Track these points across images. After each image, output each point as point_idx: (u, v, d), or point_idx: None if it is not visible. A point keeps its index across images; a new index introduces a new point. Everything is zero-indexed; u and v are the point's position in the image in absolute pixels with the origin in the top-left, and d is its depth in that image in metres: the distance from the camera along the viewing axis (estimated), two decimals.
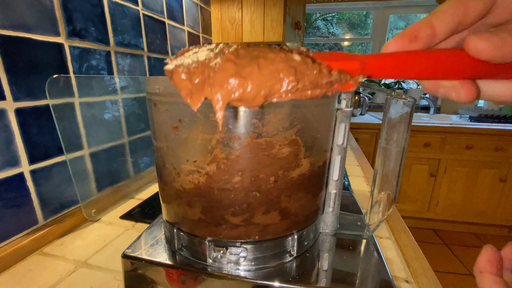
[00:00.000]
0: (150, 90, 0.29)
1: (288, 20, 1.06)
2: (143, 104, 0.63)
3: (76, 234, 0.46)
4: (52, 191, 0.45)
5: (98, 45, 0.52)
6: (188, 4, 0.84)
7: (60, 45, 0.44)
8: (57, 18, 0.44)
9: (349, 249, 0.34)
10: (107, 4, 0.53)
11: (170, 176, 0.30)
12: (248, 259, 0.30)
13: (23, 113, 0.40)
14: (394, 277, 0.35)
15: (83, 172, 0.49)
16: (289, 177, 0.28)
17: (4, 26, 0.37)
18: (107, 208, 0.54)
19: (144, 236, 0.36)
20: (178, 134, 0.28)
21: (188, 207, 0.30)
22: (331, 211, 0.36)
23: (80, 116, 0.48)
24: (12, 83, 0.38)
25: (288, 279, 0.29)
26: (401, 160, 0.31)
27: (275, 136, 0.26)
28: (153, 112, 0.30)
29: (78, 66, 0.48)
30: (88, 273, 0.37)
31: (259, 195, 0.28)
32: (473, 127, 1.61)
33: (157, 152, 0.31)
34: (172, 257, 0.32)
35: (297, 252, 0.32)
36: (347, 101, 0.32)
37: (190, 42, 0.87)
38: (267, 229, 0.30)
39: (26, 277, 0.36)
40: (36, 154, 0.42)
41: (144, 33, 0.65)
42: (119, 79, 0.57)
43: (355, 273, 0.30)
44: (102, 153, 0.53)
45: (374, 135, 1.79)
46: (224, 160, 0.27)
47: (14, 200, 0.39)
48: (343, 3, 2.22)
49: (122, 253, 0.32)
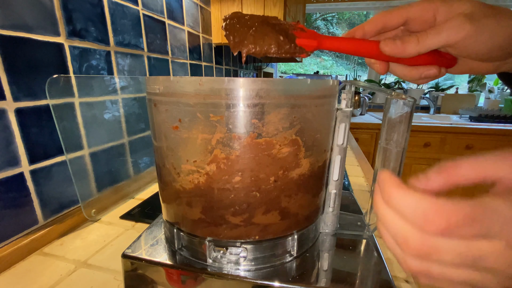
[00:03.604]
0: (150, 90, 0.29)
1: (288, 20, 1.06)
2: (143, 104, 0.63)
3: (76, 234, 0.46)
4: (52, 191, 0.45)
5: (98, 45, 0.52)
6: (188, 4, 0.84)
7: (60, 45, 0.44)
8: (57, 18, 0.44)
9: (349, 249, 0.34)
10: (107, 4, 0.53)
11: (170, 176, 0.30)
12: (248, 259, 0.30)
13: (23, 113, 0.40)
14: (394, 277, 0.35)
15: (83, 172, 0.49)
16: (289, 177, 0.28)
17: (4, 26, 0.37)
18: (107, 208, 0.54)
19: (144, 236, 0.36)
20: (178, 134, 0.28)
21: (188, 207, 0.30)
22: (331, 211, 0.36)
23: (80, 116, 0.48)
24: (12, 83, 0.38)
25: (288, 279, 0.29)
26: (401, 160, 0.31)
27: (275, 136, 0.26)
28: (153, 112, 0.30)
29: (78, 66, 0.48)
30: (88, 273, 0.37)
31: (259, 195, 0.28)
32: (473, 127, 1.61)
33: (157, 152, 0.31)
34: (172, 257, 0.32)
35: (297, 252, 0.32)
36: (347, 101, 0.32)
37: (190, 42, 0.87)
38: (267, 229, 0.30)
39: (26, 277, 0.36)
40: (36, 154, 0.42)
41: (144, 33, 0.65)
42: (119, 79, 0.57)
43: (355, 273, 0.30)
44: (102, 153, 0.53)
45: (374, 135, 1.79)
46: (224, 160, 0.27)
47: (14, 200, 0.39)
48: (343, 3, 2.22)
49: (122, 253, 0.32)
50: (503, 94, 2.17)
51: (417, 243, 0.15)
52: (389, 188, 0.15)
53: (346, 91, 0.33)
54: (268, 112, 0.26)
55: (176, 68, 0.80)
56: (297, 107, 0.27)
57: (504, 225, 0.14)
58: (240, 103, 0.25)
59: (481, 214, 0.14)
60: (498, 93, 2.21)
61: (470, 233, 0.14)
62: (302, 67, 3.03)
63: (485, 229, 0.14)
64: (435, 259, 0.15)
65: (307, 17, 2.49)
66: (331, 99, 0.30)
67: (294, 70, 2.99)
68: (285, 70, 2.88)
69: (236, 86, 0.25)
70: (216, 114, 0.25)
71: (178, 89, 0.26)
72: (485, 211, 0.14)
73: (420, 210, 0.14)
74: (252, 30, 0.27)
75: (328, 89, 0.29)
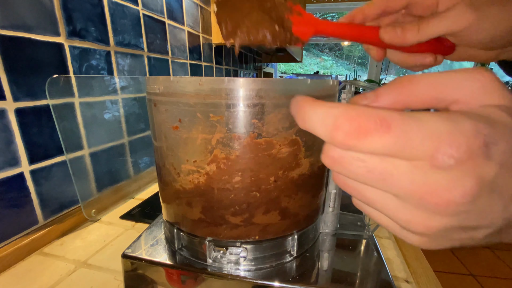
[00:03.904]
0: (150, 90, 0.29)
1: None
2: (143, 104, 0.63)
3: (76, 234, 0.46)
4: (52, 191, 0.45)
5: (98, 45, 0.52)
6: (188, 4, 0.84)
7: (60, 45, 0.44)
8: (57, 18, 0.44)
9: (349, 249, 0.34)
10: (107, 4, 0.53)
11: (170, 176, 0.30)
12: (248, 259, 0.30)
13: (23, 113, 0.40)
14: (394, 277, 0.35)
15: (83, 172, 0.49)
16: (289, 177, 0.28)
17: (4, 26, 0.37)
18: (107, 208, 0.54)
19: (144, 236, 0.36)
20: (178, 134, 0.28)
21: (188, 207, 0.30)
22: (331, 211, 0.36)
23: (80, 116, 0.48)
24: (12, 83, 0.38)
25: (288, 279, 0.29)
26: None
27: (275, 136, 0.26)
28: (153, 112, 0.30)
29: (78, 66, 0.48)
30: (88, 273, 0.37)
31: (259, 195, 0.28)
32: None
33: (157, 152, 0.31)
34: (172, 257, 0.32)
35: (297, 252, 0.32)
36: (347, 101, 0.32)
37: (190, 42, 0.87)
38: (267, 229, 0.30)
39: (26, 277, 0.36)
40: (36, 154, 0.42)
41: (144, 33, 0.65)
42: (119, 79, 0.57)
43: (355, 273, 0.30)
44: (102, 153, 0.53)
45: None
46: (224, 160, 0.27)
47: (14, 200, 0.39)
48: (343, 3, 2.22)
49: (122, 253, 0.32)
50: None
51: (329, 152, 0.13)
52: (302, 105, 0.13)
53: (346, 91, 0.33)
54: (268, 112, 0.26)
55: (176, 68, 0.80)
56: None
57: (430, 139, 0.11)
58: (240, 103, 0.25)
59: (399, 121, 0.11)
60: None
61: (385, 143, 0.11)
62: (302, 67, 3.03)
63: (403, 142, 0.11)
64: (346, 172, 0.13)
65: None
66: (331, 99, 0.30)
67: (294, 70, 2.98)
68: (285, 70, 2.88)
69: (236, 86, 0.25)
70: (216, 114, 0.25)
71: (178, 89, 0.26)
72: (405, 119, 0.11)
73: (330, 118, 0.12)
74: (246, 19, 0.26)
75: (328, 89, 0.29)
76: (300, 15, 0.27)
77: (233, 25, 0.26)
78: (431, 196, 0.11)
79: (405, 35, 0.25)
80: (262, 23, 0.26)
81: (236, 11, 0.26)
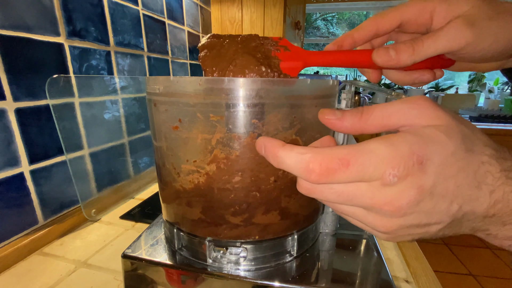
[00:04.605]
0: (150, 90, 0.29)
1: (288, 20, 1.06)
2: (143, 104, 0.63)
3: (76, 234, 0.46)
4: (52, 191, 0.45)
5: (98, 45, 0.52)
6: (188, 4, 0.84)
7: (60, 45, 0.44)
8: (57, 18, 0.44)
9: (349, 249, 0.34)
10: (107, 4, 0.53)
11: (170, 176, 0.30)
12: (248, 259, 0.30)
13: (23, 113, 0.40)
14: (394, 277, 0.35)
15: (83, 172, 0.49)
16: (289, 177, 0.28)
17: (4, 26, 0.37)
18: (107, 208, 0.54)
19: (144, 236, 0.36)
20: (178, 134, 0.28)
21: (188, 207, 0.30)
22: (331, 211, 0.36)
23: (80, 116, 0.48)
24: (12, 83, 0.38)
25: (288, 279, 0.29)
26: None
27: (275, 136, 0.26)
28: (153, 112, 0.30)
29: (78, 66, 0.48)
30: (88, 273, 0.37)
31: (259, 195, 0.28)
32: None
33: (157, 152, 0.31)
34: (172, 257, 0.32)
35: (297, 252, 0.32)
36: (347, 101, 0.32)
37: (190, 42, 0.87)
38: (267, 229, 0.30)
39: (26, 277, 0.36)
40: (36, 154, 0.42)
41: (144, 33, 0.65)
42: (119, 79, 0.57)
43: (355, 273, 0.30)
44: (102, 153, 0.53)
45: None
46: (224, 160, 0.27)
47: (14, 200, 0.39)
48: (343, 3, 2.22)
49: (122, 253, 0.32)
50: (503, 94, 2.17)
51: (303, 185, 0.17)
52: (272, 149, 0.16)
53: (346, 91, 0.33)
54: (268, 112, 0.26)
55: (176, 68, 0.80)
56: (297, 107, 0.27)
57: (379, 165, 0.14)
58: (240, 103, 0.25)
59: (355, 156, 0.14)
60: (498, 93, 2.21)
61: (348, 175, 0.15)
62: None
63: (360, 171, 0.14)
64: (320, 197, 0.17)
65: (307, 17, 2.49)
66: (331, 99, 0.30)
67: None
68: None
69: (236, 86, 0.25)
70: (216, 114, 0.25)
71: (178, 89, 0.26)
72: (359, 153, 0.15)
73: (302, 163, 0.15)
74: (231, 64, 0.25)
75: (328, 89, 0.29)
76: (288, 50, 0.27)
77: (219, 71, 0.26)
78: (386, 206, 0.15)
79: (399, 57, 0.24)
80: (248, 66, 0.26)
81: (221, 56, 0.26)
